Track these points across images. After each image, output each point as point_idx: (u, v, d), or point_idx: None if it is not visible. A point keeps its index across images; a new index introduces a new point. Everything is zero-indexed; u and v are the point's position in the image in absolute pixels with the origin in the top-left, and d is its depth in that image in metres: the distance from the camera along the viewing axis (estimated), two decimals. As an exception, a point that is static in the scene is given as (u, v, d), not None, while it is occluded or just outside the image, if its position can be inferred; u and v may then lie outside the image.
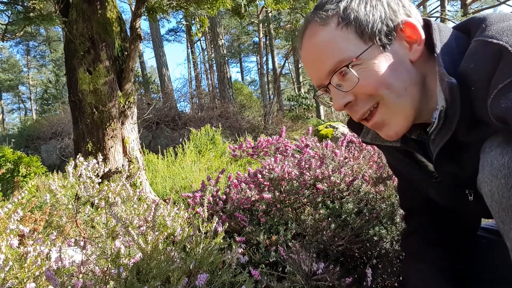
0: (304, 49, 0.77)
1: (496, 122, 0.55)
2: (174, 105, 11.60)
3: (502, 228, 0.60)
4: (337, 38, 0.71)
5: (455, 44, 0.68)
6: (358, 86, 0.70)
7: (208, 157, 4.66)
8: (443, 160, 0.71)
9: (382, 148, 0.93)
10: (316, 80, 0.78)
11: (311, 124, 9.98)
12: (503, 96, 0.54)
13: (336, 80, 0.72)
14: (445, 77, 0.62)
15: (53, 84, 23.44)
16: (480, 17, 0.69)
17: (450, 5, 15.09)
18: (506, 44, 0.56)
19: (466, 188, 0.73)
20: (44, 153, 9.67)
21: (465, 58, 0.64)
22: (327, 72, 0.72)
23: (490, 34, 0.61)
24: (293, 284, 1.19)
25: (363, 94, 0.71)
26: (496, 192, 0.57)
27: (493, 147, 0.60)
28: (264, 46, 16.42)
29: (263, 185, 1.80)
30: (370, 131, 0.88)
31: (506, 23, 0.62)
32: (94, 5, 2.82)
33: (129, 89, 3.00)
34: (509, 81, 0.54)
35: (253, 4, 5.78)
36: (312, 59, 0.76)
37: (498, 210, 0.59)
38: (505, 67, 0.55)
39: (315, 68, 0.76)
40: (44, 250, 0.98)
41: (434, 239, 0.92)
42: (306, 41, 0.76)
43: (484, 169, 0.60)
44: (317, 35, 0.73)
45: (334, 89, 0.73)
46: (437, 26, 0.72)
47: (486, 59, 0.59)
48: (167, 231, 1.27)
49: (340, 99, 0.73)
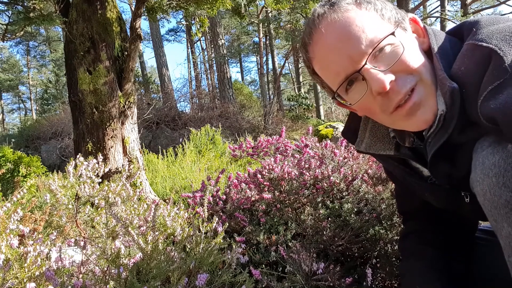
0: (329, 32, 0.70)
1: (486, 123, 0.57)
2: (174, 105, 11.60)
3: (495, 226, 0.60)
4: (368, 18, 0.70)
5: (449, 47, 0.69)
6: (400, 61, 0.66)
7: (208, 157, 4.66)
8: (438, 162, 0.71)
9: (377, 157, 0.92)
10: (344, 66, 0.70)
11: (311, 124, 9.98)
12: (493, 97, 0.55)
13: (371, 60, 0.68)
14: (446, 81, 0.62)
15: (53, 84, 23.45)
16: (471, 21, 0.70)
17: (450, 5, 15.09)
18: (495, 47, 0.57)
19: (462, 190, 0.73)
20: (44, 153, 9.66)
21: (456, 61, 0.65)
22: (363, 50, 0.67)
23: (480, 37, 0.62)
24: (293, 284, 1.19)
25: (403, 71, 0.67)
26: (488, 190, 0.58)
27: (484, 146, 0.61)
28: (264, 46, 16.42)
29: (263, 185, 1.80)
30: (364, 140, 0.87)
31: (496, 26, 0.63)
32: (94, 5, 2.82)
33: (129, 89, 3.00)
34: (498, 83, 0.55)
35: (253, 4, 5.79)
36: (343, 38, 0.69)
37: (490, 209, 0.59)
38: (494, 69, 0.56)
39: (347, 48, 0.68)
40: (44, 250, 0.98)
41: (430, 239, 0.93)
42: (331, 24, 0.70)
43: (476, 168, 0.62)
44: (347, 15, 0.69)
45: (371, 70, 0.67)
46: (432, 30, 0.74)
47: (476, 62, 0.60)
48: (167, 231, 1.27)
49: (384, 77, 0.66)
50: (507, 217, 0.57)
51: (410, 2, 11.12)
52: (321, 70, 0.77)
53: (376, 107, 0.72)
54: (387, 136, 0.84)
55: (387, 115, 0.71)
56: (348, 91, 0.74)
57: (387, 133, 0.84)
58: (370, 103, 0.72)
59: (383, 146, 0.84)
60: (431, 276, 0.85)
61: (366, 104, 0.73)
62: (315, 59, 0.75)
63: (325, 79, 0.77)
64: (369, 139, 0.87)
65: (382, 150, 0.83)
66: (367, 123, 0.88)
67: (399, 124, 0.73)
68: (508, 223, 0.57)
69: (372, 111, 0.74)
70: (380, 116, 0.74)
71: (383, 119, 0.75)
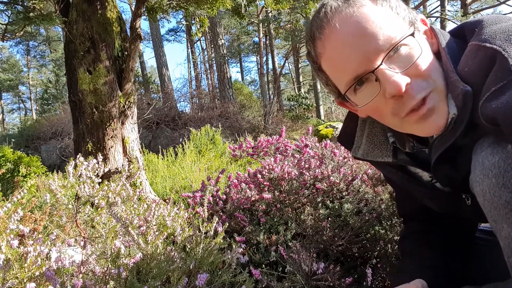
0: (344, 27, 0.66)
1: (486, 123, 0.56)
2: (174, 105, 11.60)
3: (495, 227, 0.60)
4: (384, 14, 0.66)
5: (456, 48, 0.68)
6: (415, 65, 0.64)
7: (208, 157, 4.66)
8: (441, 164, 0.70)
9: (374, 164, 0.90)
10: (357, 65, 0.66)
11: (311, 124, 9.98)
12: (495, 98, 0.54)
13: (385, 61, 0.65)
14: (459, 84, 0.61)
15: (53, 84, 23.45)
16: (473, 21, 0.69)
17: (450, 5, 15.09)
18: (500, 48, 0.57)
19: (463, 192, 0.72)
20: (44, 153, 9.67)
21: (461, 62, 0.64)
22: (380, 47, 0.64)
23: (483, 37, 0.61)
24: (293, 284, 1.19)
25: (418, 75, 0.64)
26: (487, 191, 0.58)
27: (484, 147, 0.60)
28: (264, 46, 16.41)
29: (263, 185, 1.80)
30: (361, 147, 0.85)
31: (499, 25, 0.62)
32: (94, 5, 2.82)
33: (129, 89, 3.00)
34: (502, 85, 0.54)
35: (253, 4, 5.79)
36: (359, 34, 0.65)
37: (490, 209, 0.59)
38: (498, 71, 0.56)
39: (362, 45, 0.64)
40: (44, 250, 0.98)
41: (429, 240, 0.92)
42: (345, 18, 0.66)
43: (475, 169, 0.61)
44: (363, 10, 0.66)
45: (386, 71, 0.64)
46: (439, 31, 0.72)
47: (479, 63, 0.60)
48: (167, 231, 1.27)
49: (400, 79, 0.63)
50: (506, 218, 0.56)
51: (410, 2, 11.12)
52: (330, 67, 0.72)
53: (386, 109, 0.68)
54: (385, 142, 0.82)
55: (398, 119, 0.68)
56: (357, 91, 0.70)
57: (385, 139, 0.82)
58: (381, 105, 0.68)
59: (380, 153, 0.81)
60: (426, 275, 0.85)
61: (376, 106, 0.69)
62: (325, 55, 0.70)
63: (332, 77, 0.73)
64: (366, 146, 0.84)
65: (379, 157, 0.81)
66: (364, 128, 0.86)
67: (408, 128, 0.70)
68: (508, 224, 0.57)
69: (380, 113, 0.71)
70: (389, 118, 0.70)
71: (391, 122, 0.71)
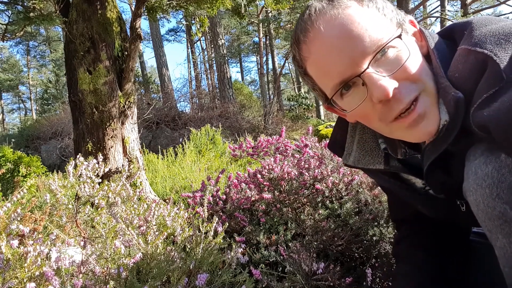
0: (328, 30, 0.63)
1: (478, 131, 0.55)
2: (174, 105, 11.61)
3: (490, 236, 0.59)
4: (371, 16, 0.64)
5: (447, 51, 0.66)
6: (404, 68, 0.62)
7: (208, 157, 4.66)
8: (434, 171, 0.69)
9: (366, 171, 0.88)
10: (343, 68, 0.63)
11: (311, 124, 9.98)
12: (487, 106, 0.53)
13: (372, 64, 0.62)
14: (450, 90, 0.59)
15: (53, 84, 23.44)
16: (462, 23, 0.67)
17: (450, 5, 15.09)
18: (491, 53, 0.55)
19: (458, 198, 0.71)
20: (44, 153, 9.67)
21: (451, 66, 0.62)
22: (366, 50, 0.61)
23: (473, 41, 0.59)
24: (293, 283, 1.19)
25: (406, 78, 0.62)
26: (481, 201, 0.57)
27: (477, 155, 0.59)
28: (264, 46, 16.42)
29: (263, 185, 1.81)
30: (352, 154, 0.83)
31: (489, 28, 0.60)
32: (94, 5, 2.82)
33: (129, 89, 3.00)
34: (494, 91, 0.53)
35: (253, 4, 5.79)
36: (344, 37, 0.62)
37: (484, 219, 0.58)
38: (489, 77, 0.54)
39: (348, 48, 0.62)
40: (44, 250, 0.98)
41: (422, 243, 0.92)
42: (330, 20, 0.64)
43: (468, 177, 0.60)
44: (348, 11, 0.63)
45: (373, 75, 0.61)
46: (429, 33, 0.70)
47: (470, 68, 0.58)
48: (167, 231, 1.27)
49: (387, 83, 0.61)
50: (501, 229, 0.55)
51: (410, 2, 11.12)
52: (315, 72, 0.69)
53: (374, 115, 0.66)
54: (376, 149, 0.79)
55: (385, 124, 0.66)
56: (343, 96, 0.67)
57: (376, 146, 0.80)
58: (368, 110, 0.66)
59: (372, 160, 0.79)
60: (419, 279, 0.84)
61: (363, 111, 0.67)
62: (310, 59, 0.68)
63: (318, 81, 0.71)
64: (357, 153, 0.82)
65: (371, 164, 0.79)
66: (354, 134, 0.84)
67: (398, 134, 0.68)
68: (503, 234, 0.55)
69: (368, 119, 0.69)
70: (377, 124, 0.68)
71: (380, 128, 0.69)
